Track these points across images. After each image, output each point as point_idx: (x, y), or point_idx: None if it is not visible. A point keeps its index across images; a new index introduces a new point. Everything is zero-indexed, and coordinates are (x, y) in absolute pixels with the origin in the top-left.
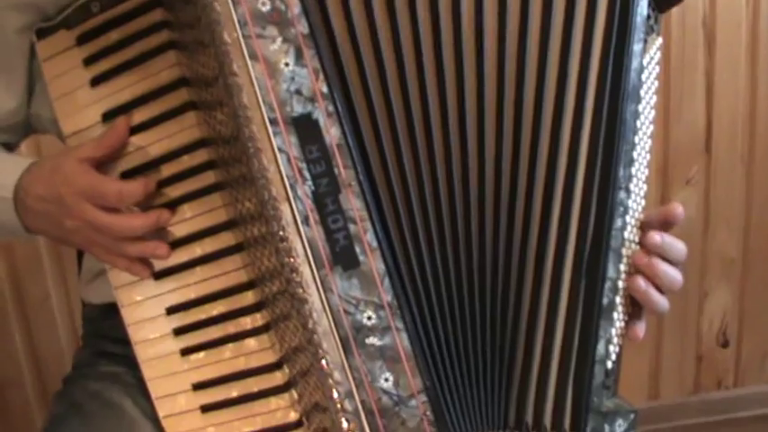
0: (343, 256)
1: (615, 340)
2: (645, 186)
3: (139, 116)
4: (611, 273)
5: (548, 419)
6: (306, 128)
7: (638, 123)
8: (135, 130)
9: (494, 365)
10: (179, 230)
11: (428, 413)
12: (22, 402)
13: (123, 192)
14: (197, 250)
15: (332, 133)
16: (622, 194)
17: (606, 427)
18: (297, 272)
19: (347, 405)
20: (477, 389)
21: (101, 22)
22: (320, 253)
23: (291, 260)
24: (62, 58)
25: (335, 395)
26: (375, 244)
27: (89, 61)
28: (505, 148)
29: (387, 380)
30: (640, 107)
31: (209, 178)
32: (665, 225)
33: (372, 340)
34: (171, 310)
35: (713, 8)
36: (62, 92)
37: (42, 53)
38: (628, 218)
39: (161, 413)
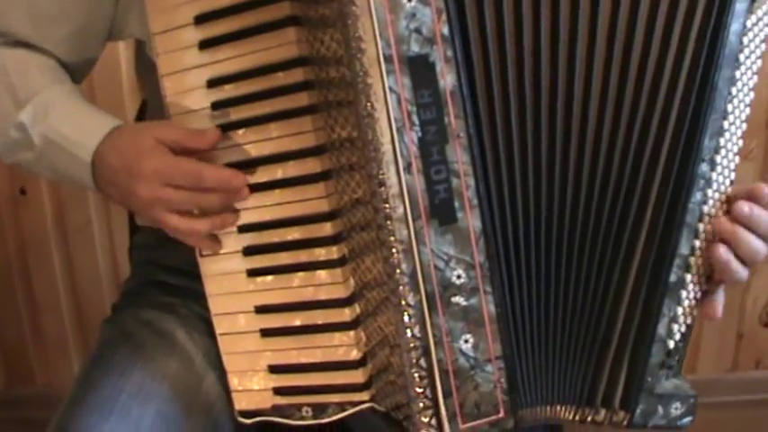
0: (442, 210)
1: (681, 319)
2: (736, 159)
3: (235, 24)
4: (682, 249)
5: (599, 396)
6: (421, 70)
7: (734, 90)
8: (229, 37)
9: (569, 338)
10: (262, 149)
11: (502, 380)
12: (58, 326)
13: (203, 178)
14: (278, 172)
15: (447, 79)
16: (704, 167)
17: (660, 408)
18: (390, 219)
19: (422, 362)
20: (553, 361)
21: None
22: (418, 203)
23: (386, 206)
24: None
25: (412, 350)
26: (475, 201)
27: None
28: (608, 112)
29: (466, 341)
30: (738, 73)
31: (301, 99)
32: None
33: (458, 300)
34: (243, 229)
35: None
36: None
37: None
38: (710, 191)
39: (218, 330)
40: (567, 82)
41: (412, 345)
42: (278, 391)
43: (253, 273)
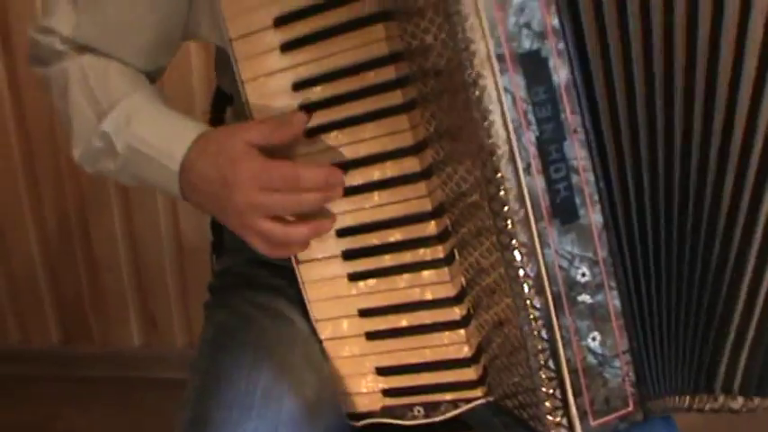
0: (563, 209)
1: None
2: None
3: (318, 23)
4: None
5: (719, 382)
6: (534, 66)
7: None
8: (312, 37)
9: (696, 327)
10: (356, 150)
11: (630, 374)
12: (117, 285)
13: (300, 179)
14: (375, 173)
15: (561, 74)
16: None
17: None
18: (512, 222)
19: (551, 363)
20: (677, 350)
21: None
22: (540, 204)
23: (506, 209)
24: None
25: (540, 353)
26: (596, 197)
27: None
28: (742, 103)
29: (594, 339)
30: None
31: (395, 97)
32: None
33: (584, 298)
34: (342, 233)
35: None
36: None
37: None
38: None
39: (322, 335)
40: (686, 70)
41: (540, 347)
42: (387, 392)
43: (355, 277)
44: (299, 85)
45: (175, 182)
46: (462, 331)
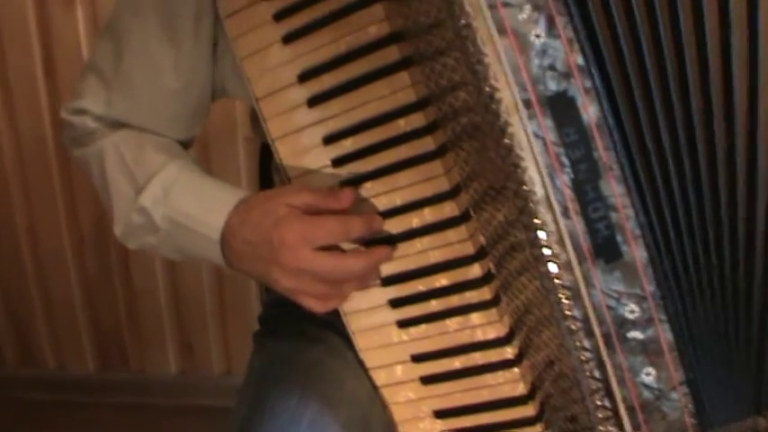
0: (606, 248)
1: None
2: None
3: (342, 75)
4: None
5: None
6: (562, 108)
7: None
8: (338, 90)
9: (749, 349)
10: (393, 200)
11: (689, 405)
12: (154, 312)
13: (348, 228)
14: (413, 220)
15: (590, 112)
16: None
17: None
18: (557, 264)
19: (606, 402)
20: (733, 375)
21: None
22: (581, 246)
23: (547, 254)
24: (247, 12)
25: (594, 393)
26: (638, 231)
27: (279, 16)
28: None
29: (648, 374)
30: None
31: (427, 144)
32: None
33: (634, 334)
34: (387, 281)
35: None
36: (250, 50)
37: (224, 9)
38: None
39: (377, 382)
40: (725, 95)
41: (594, 387)
42: None
43: (404, 323)
44: (329, 139)
45: (217, 251)
46: (516, 369)
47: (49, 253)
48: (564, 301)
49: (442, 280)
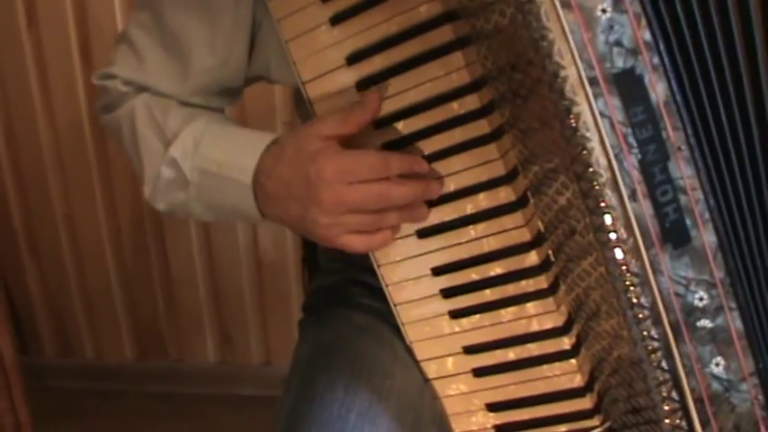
0: (674, 233)
1: None
2: None
3: (393, 57)
4: None
5: None
6: (629, 86)
7: None
8: (389, 72)
9: None
10: (446, 185)
11: (759, 396)
12: (193, 302)
13: (388, 164)
14: (467, 206)
15: (658, 90)
16: None
17: None
18: (621, 252)
19: (674, 394)
20: None
21: None
22: (649, 231)
23: (614, 238)
24: None
25: (662, 384)
26: (707, 215)
27: None
28: None
29: (718, 364)
30: None
31: (482, 127)
32: None
33: (704, 323)
34: (438, 271)
35: None
36: (296, 32)
37: None
38: None
39: (428, 375)
40: None
41: (661, 378)
42: (500, 428)
43: (456, 314)
44: (379, 123)
45: (250, 198)
46: (573, 360)
47: (87, 242)
48: (631, 288)
49: (496, 268)
